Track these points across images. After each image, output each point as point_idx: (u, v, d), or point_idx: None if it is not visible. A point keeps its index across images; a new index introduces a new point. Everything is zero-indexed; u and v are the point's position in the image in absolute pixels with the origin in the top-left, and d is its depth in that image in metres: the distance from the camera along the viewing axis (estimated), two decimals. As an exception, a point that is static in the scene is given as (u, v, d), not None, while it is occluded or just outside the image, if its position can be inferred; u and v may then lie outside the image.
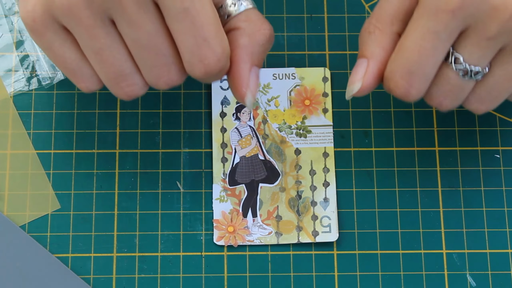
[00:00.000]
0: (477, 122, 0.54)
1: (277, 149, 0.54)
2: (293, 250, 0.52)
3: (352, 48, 0.56)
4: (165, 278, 0.51)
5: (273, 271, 0.52)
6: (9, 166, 0.53)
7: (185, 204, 0.52)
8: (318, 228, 0.52)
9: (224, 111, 0.54)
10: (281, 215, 0.52)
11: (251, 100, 0.44)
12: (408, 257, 0.52)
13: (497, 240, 0.52)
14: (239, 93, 0.44)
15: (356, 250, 0.52)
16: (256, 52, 0.44)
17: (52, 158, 0.53)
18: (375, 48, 0.45)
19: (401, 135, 0.54)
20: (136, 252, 0.51)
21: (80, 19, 0.42)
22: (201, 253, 0.52)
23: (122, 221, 0.52)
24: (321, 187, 0.53)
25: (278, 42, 0.56)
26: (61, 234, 0.52)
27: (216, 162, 0.53)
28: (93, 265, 0.51)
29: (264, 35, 0.45)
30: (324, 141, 0.54)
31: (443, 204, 0.53)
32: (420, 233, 0.52)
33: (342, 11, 0.56)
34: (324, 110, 0.54)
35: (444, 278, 0.52)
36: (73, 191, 0.52)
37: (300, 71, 0.55)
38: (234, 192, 0.53)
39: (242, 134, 0.54)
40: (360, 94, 0.45)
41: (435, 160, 0.54)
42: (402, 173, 0.53)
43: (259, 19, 0.45)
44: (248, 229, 0.52)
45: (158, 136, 0.54)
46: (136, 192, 0.53)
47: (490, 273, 0.52)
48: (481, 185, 0.53)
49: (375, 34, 0.45)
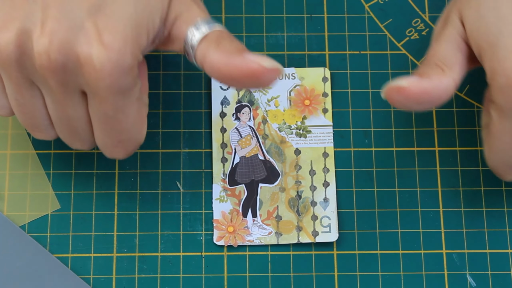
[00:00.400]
0: (477, 122, 0.54)
1: (277, 149, 0.54)
2: (293, 250, 0.52)
3: (352, 48, 0.56)
4: (165, 278, 0.51)
5: (273, 271, 0.52)
6: (9, 166, 0.53)
7: (185, 204, 0.52)
8: (318, 228, 0.52)
9: (224, 111, 0.54)
10: (281, 215, 0.52)
11: (273, 62, 0.44)
12: (408, 257, 0.52)
13: (497, 240, 0.52)
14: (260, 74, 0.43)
15: (356, 250, 0.52)
16: (230, 49, 0.44)
17: (52, 158, 0.53)
18: (433, 75, 0.46)
19: (401, 135, 0.54)
20: (136, 252, 0.51)
21: (9, 75, 0.44)
22: (201, 253, 0.52)
23: (122, 221, 0.52)
24: (321, 187, 0.53)
25: (278, 42, 0.56)
26: (61, 234, 0.52)
27: (216, 162, 0.53)
28: (93, 265, 0.51)
29: (226, 40, 0.45)
30: (324, 141, 0.54)
31: (443, 204, 0.53)
32: (420, 233, 0.52)
33: (342, 11, 0.56)
34: (324, 110, 0.54)
35: (444, 278, 0.52)
36: (73, 191, 0.52)
37: (300, 71, 0.55)
38: (234, 192, 0.53)
39: (242, 134, 0.54)
40: (398, 95, 0.45)
41: (435, 160, 0.54)
42: (402, 173, 0.53)
43: (218, 33, 0.45)
44: (248, 229, 0.52)
45: (158, 136, 0.53)
46: (136, 192, 0.53)
47: (490, 273, 0.52)
48: (481, 185, 0.53)
49: (437, 69, 0.46)
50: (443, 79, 0.45)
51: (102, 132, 0.46)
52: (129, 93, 0.44)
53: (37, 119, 0.46)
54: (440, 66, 0.46)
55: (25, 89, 0.44)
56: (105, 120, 0.45)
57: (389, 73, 0.55)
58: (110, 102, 0.43)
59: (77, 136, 0.47)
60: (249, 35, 0.56)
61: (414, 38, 0.56)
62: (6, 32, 0.42)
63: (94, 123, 0.45)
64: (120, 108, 0.44)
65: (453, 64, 0.46)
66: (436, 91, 0.45)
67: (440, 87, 0.45)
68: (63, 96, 0.44)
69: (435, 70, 0.46)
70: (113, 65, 0.42)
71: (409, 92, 0.45)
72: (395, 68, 0.55)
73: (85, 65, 0.42)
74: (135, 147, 0.47)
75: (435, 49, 0.47)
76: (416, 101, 0.45)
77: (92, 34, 0.42)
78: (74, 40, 0.42)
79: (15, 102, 0.45)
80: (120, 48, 0.42)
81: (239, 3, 0.56)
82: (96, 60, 0.42)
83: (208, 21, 0.45)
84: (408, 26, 0.56)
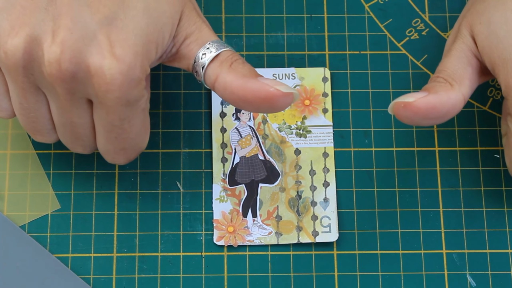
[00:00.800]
0: (477, 122, 0.54)
1: (277, 149, 0.54)
2: (293, 250, 0.52)
3: (352, 48, 0.56)
4: (165, 278, 0.51)
5: (273, 271, 0.52)
6: (9, 166, 0.53)
7: (185, 204, 0.52)
8: (318, 228, 0.52)
9: (224, 111, 0.54)
10: (281, 215, 0.52)
11: (288, 87, 0.44)
12: (408, 257, 0.52)
13: (497, 240, 0.52)
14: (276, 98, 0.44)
15: (356, 250, 0.52)
16: (244, 71, 0.45)
17: (52, 158, 0.53)
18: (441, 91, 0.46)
19: (401, 135, 0.54)
20: (136, 252, 0.51)
21: (15, 80, 0.44)
22: (201, 253, 0.52)
23: (122, 221, 0.52)
24: (321, 187, 0.53)
25: (278, 42, 0.56)
26: (61, 234, 0.52)
27: (216, 162, 0.53)
28: (93, 265, 0.51)
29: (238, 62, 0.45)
30: (324, 141, 0.54)
31: (443, 204, 0.53)
32: (420, 233, 0.52)
33: (342, 11, 0.56)
34: (324, 110, 0.54)
35: (444, 278, 0.52)
36: (73, 191, 0.52)
37: (300, 71, 0.55)
38: (234, 192, 0.53)
39: (242, 134, 0.54)
40: (405, 111, 0.45)
41: (435, 160, 0.54)
42: (402, 173, 0.53)
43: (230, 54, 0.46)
44: (248, 229, 0.52)
45: (158, 136, 0.53)
46: (136, 192, 0.53)
47: (490, 273, 0.52)
48: (481, 185, 0.53)
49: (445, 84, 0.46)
50: (452, 94, 0.45)
51: (106, 139, 0.46)
52: (136, 104, 0.44)
53: (40, 123, 0.46)
54: (448, 81, 0.46)
55: (30, 93, 0.45)
56: (110, 129, 0.45)
57: (389, 73, 0.55)
58: (117, 112, 0.44)
59: (79, 142, 0.47)
60: (249, 35, 0.56)
61: (414, 38, 0.56)
62: (15, 37, 0.42)
63: (98, 130, 0.46)
64: (126, 119, 0.44)
65: (463, 79, 0.46)
66: (444, 107, 0.45)
67: (448, 102, 0.45)
68: (69, 104, 0.44)
69: (444, 86, 0.46)
70: (123, 77, 0.42)
71: (416, 108, 0.45)
72: (395, 68, 0.55)
73: (95, 76, 0.42)
74: (137, 154, 0.48)
75: (445, 64, 0.47)
76: (423, 117, 0.45)
77: (104, 45, 0.42)
78: (85, 50, 0.42)
79: (19, 105, 0.46)
80: (131, 61, 0.42)
81: (239, 3, 0.56)
82: (108, 71, 0.42)
83: (219, 42, 0.46)
84: (408, 26, 0.56)
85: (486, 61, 0.47)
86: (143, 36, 0.43)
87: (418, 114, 0.45)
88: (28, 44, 0.42)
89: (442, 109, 0.45)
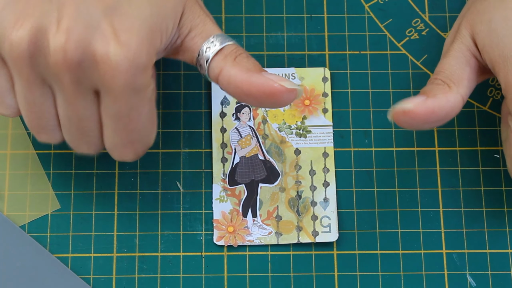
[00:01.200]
0: (477, 122, 0.54)
1: (277, 149, 0.54)
2: (293, 250, 0.52)
3: (352, 48, 0.56)
4: (165, 278, 0.51)
5: (273, 271, 0.52)
6: (9, 166, 0.53)
7: (185, 204, 0.52)
8: (318, 228, 0.52)
9: (224, 111, 0.54)
10: (281, 215, 0.52)
11: (292, 83, 0.44)
12: (408, 257, 0.52)
13: (497, 240, 0.52)
14: (280, 94, 0.44)
15: (356, 250, 0.52)
16: (248, 66, 0.45)
17: (52, 158, 0.53)
18: (439, 94, 0.46)
19: (401, 135, 0.54)
20: (136, 252, 0.51)
21: (20, 72, 0.44)
22: (201, 253, 0.52)
23: (122, 221, 0.52)
24: (321, 187, 0.53)
25: (278, 42, 0.56)
26: (61, 234, 0.52)
27: (216, 162, 0.53)
28: (93, 265, 0.51)
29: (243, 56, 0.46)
30: (324, 141, 0.54)
31: (443, 204, 0.53)
32: (420, 233, 0.52)
33: (342, 11, 0.56)
34: (324, 110, 0.54)
35: (444, 278, 0.52)
36: (73, 191, 0.52)
37: (300, 71, 0.55)
38: (234, 192, 0.53)
39: (242, 134, 0.54)
40: (404, 117, 0.45)
41: (435, 160, 0.54)
42: (402, 173, 0.53)
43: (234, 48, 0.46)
44: (248, 229, 0.52)
45: (158, 136, 0.53)
46: (136, 192, 0.53)
47: (490, 273, 0.52)
48: (481, 185, 0.53)
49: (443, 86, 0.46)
50: (450, 96, 0.45)
51: (114, 131, 0.45)
52: (143, 92, 0.44)
53: (45, 119, 0.46)
54: (446, 83, 0.46)
55: (35, 86, 0.44)
56: (117, 118, 0.45)
57: (389, 73, 0.55)
58: (124, 100, 0.44)
59: (85, 138, 0.47)
60: (249, 35, 0.56)
61: (414, 38, 0.56)
62: (20, 29, 0.42)
63: (105, 122, 0.45)
64: (134, 107, 0.44)
65: (461, 80, 0.46)
66: (443, 110, 0.45)
67: (447, 105, 0.45)
68: (75, 95, 0.44)
69: (441, 88, 0.46)
70: (129, 63, 0.42)
71: (415, 114, 0.45)
72: (395, 68, 0.55)
73: (101, 62, 0.42)
74: (145, 149, 0.48)
75: (443, 65, 0.47)
76: (423, 122, 0.45)
77: (108, 33, 0.42)
78: (90, 38, 0.42)
79: (24, 100, 0.45)
80: (137, 47, 0.42)
81: (239, 3, 0.56)
82: (113, 58, 0.42)
83: (223, 36, 0.46)
84: (408, 26, 0.56)
85: (487, 59, 0.47)
86: (147, 24, 0.43)
87: (418, 120, 0.45)
88: (34, 35, 0.42)
89: (441, 112, 0.45)
